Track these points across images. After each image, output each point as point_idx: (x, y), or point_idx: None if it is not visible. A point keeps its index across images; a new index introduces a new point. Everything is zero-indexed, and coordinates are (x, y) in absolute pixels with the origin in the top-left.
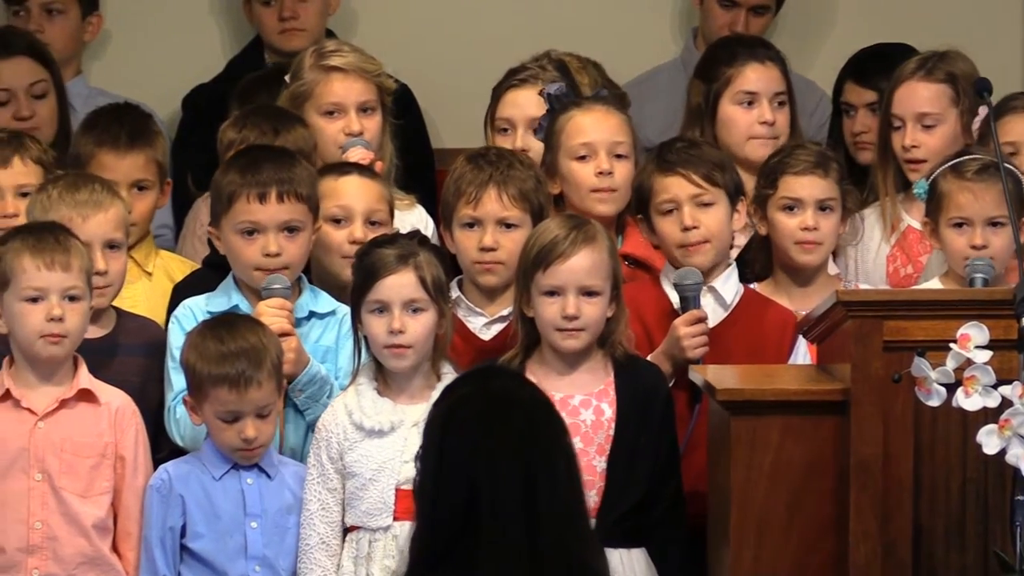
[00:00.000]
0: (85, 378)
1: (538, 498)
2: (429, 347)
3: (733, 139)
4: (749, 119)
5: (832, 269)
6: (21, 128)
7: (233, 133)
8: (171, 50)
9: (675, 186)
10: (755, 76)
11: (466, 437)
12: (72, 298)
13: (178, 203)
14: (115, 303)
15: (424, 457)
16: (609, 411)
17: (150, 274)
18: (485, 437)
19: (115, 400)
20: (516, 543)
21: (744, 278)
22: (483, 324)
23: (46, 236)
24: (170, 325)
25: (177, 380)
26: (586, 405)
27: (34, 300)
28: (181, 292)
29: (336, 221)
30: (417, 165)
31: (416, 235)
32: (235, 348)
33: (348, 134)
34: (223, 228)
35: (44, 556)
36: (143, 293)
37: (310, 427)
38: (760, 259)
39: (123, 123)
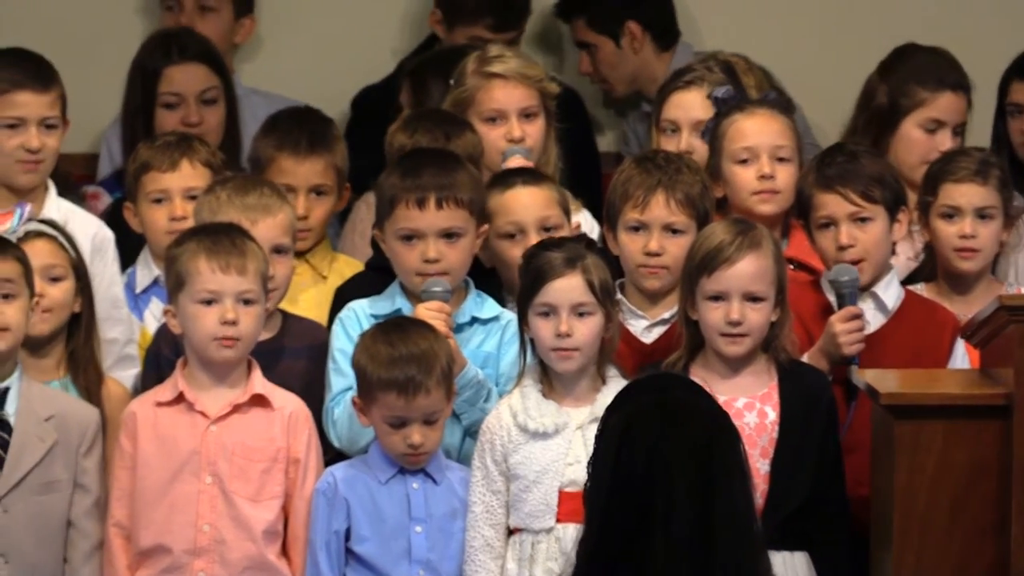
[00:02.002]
0: (259, 382)
1: (714, 510)
2: (595, 350)
3: (908, 159)
4: (929, 145)
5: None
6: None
7: (404, 138)
8: (333, 50)
9: (832, 203)
10: (947, 105)
11: (644, 447)
12: (247, 301)
13: None
14: (291, 307)
15: (597, 464)
16: (772, 414)
17: (326, 278)
18: (663, 448)
19: (289, 404)
20: (689, 554)
21: (914, 280)
22: (645, 327)
23: (222, 238)
24: (333, 327)
25: (336, 382)
26: (750, 408)
27: (208, 303)
28: (343, 295)
29: (510, 236)
30: (583, 169)
31: (583, 239)
32: (405, 353)
33: (509, 140)
34: (386, 232)
35: (211, 559)
36: (316, 297)
37: (466, 432)
38: (928, 263)
39: (303, 128)
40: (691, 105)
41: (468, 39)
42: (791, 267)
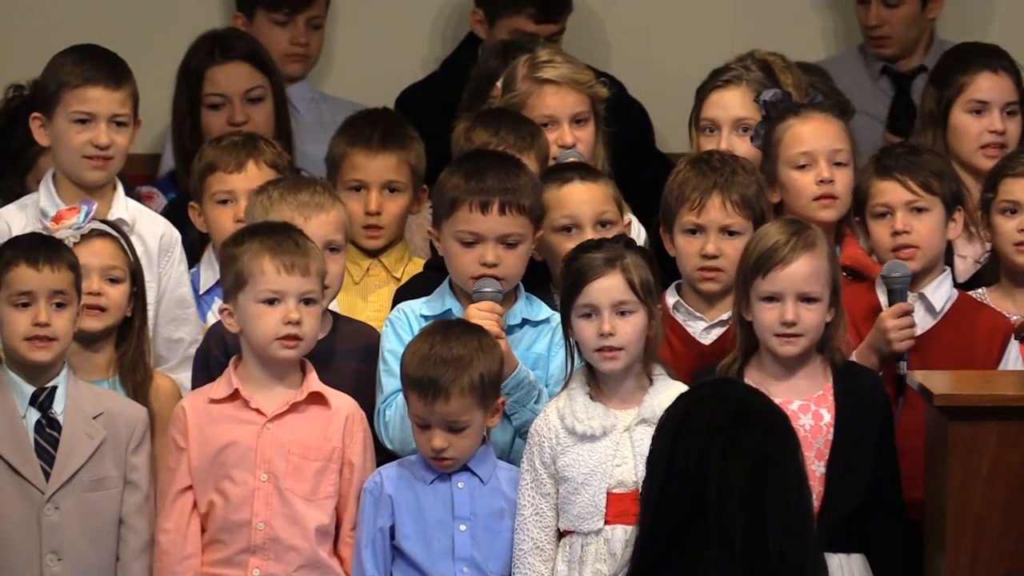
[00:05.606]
0: (315, 382)
1: (766, 510)
2: (639, 349)
3: (964, 147)
4: (979, 127)
5: None
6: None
7: (487, 135)
8: (382, 53)
9: (890, 191)
10: (987, 85)
11: (698, 442)
12: (308, 301)
13: None
14: (360, 304)
15: (653, 459)
16: (828, 416)
17: (399, 279)
18: (717, 444)
19: (345, 406)
20: (740, 553)
21: (978, 283)
22: (703, 328)
23: (284, 239)
24: (384, 328)
25: (388, 383)
26: (805, 410)
27: (271, 302)
28: (402, 296)
29: (566, 230)
30: (640, 170)
31: (622, 239)
32: (435, 355)
33: (561, 146)
34: (443, 231)
35: (266, 556)
36: (388, 299)
37: (517, 432)
38: (991, 265)
39: (376, 125)
40: (730, 103)
41: (510, 32)
42: (843, 275)
